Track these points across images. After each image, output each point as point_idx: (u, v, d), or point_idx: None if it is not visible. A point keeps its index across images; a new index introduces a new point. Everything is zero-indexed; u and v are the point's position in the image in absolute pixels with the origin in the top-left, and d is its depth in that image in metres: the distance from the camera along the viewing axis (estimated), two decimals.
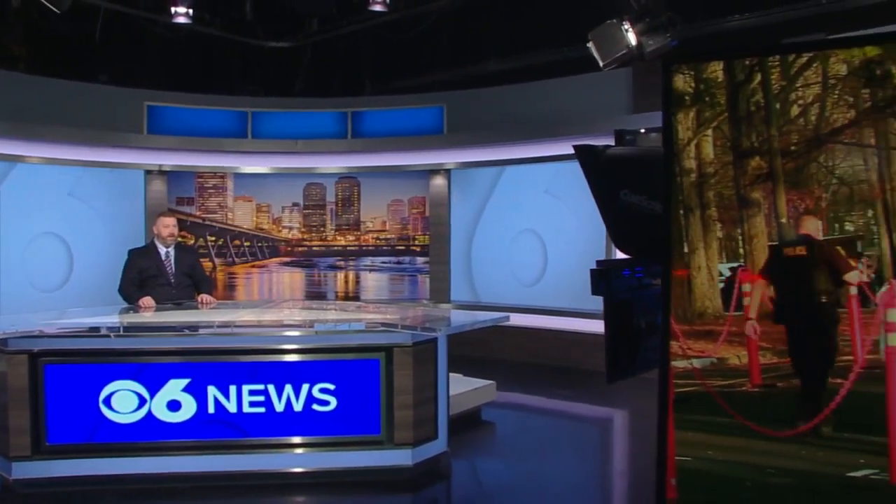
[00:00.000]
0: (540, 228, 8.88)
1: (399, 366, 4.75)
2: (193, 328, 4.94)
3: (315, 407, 4.73)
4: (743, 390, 2.45)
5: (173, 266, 5.92)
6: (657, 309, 2.80)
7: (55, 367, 4.58)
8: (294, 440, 4.74)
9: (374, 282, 9.90)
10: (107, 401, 4.60)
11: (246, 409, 4.70)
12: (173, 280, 5.90)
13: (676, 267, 2.57)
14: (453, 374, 5.54)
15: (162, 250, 5.92)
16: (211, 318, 5.19)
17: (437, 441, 4.95)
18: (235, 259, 9.76)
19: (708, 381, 2.47)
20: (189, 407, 4.65)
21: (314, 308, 6.79)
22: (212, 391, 4.66)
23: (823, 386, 2.31)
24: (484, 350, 8.03)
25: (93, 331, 4.91)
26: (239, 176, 9.69)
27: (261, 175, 9.71)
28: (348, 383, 4.75)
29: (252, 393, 4.70)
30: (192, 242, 9.35)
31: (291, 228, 9.91)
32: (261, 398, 4.71)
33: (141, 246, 6.35)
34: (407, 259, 9.81)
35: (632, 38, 5.33)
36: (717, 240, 2.51)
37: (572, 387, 7.58)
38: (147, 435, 4.62)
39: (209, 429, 4.67)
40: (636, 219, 3.19)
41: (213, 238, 9.67)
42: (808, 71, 2.36)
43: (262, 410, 4.70)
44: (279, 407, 4.71)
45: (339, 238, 9.93)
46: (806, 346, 2.39)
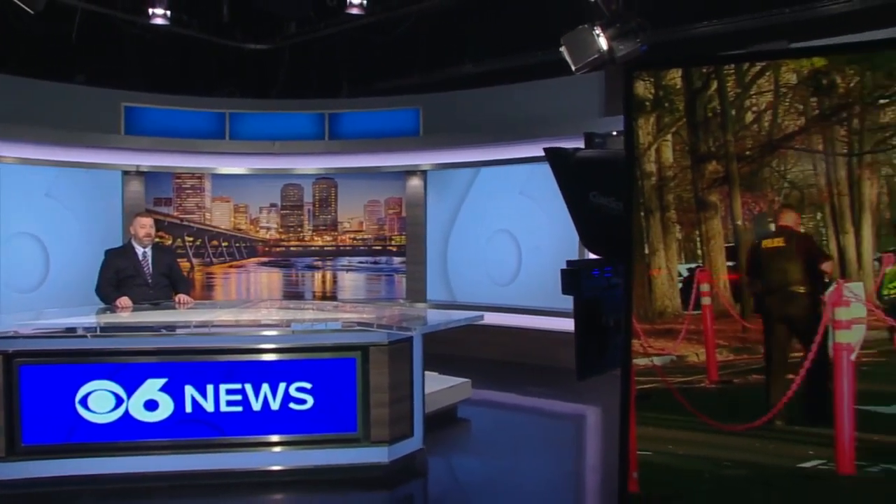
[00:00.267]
0: (514, 229, 8.98)
1: (375, 364, 4.79)
2: (170, 328, 4.94)
3: (292, 406, 4.77)
4: (701, 387, 2.55)
5: (150, 266, 5.93)
6: None
7: (30, 368, 4.57)
8: (271, 439, 4.76)
9: (351, 282, 9.95)
10: (83, 401, 4.61)
11: (223, 409, 4.72)
12: (150, 280, 5.90)
13: (652, 267, 2.65)
14: (429, 373, 5.60)
15: (139, 251, 5.92)
16: (188, 318, 5.20)
17: (413, 438, 5.01)
18: (213, 259, 9.76)
19: (668, 378, 2.57)
20: (166, 406, 4.66)
21: (291, 308, 6.80)
22: (189, 391, 4.69)
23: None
24: (459, 349, 8.10)
25: (69, 331, 4.91)
26: (217, 176, 9.69)
27: (238, 176, 9.72)
28: (325, 382, 4.79)
29: (229, 392, 4.73)
30: (170, 243, 9.34)
31: (269, 229, 9.93)
32: (238, 397, 4.73)
33: (118, 246, 6.34)
34: (383, 259, 9.87)
35: (603, 44, 5.42)
36: (677, 241, 2.60)
37: (546, 384, 7.67)
38: (124, 435, 4.63)
39: (186, 428, 4.69)
40: (605, 220, 3.25)
41: (191, 238, 9.67)
42: (762, 79, 2.46)
43: (240, 409, 4.73)
44: (256, 406, 4.74)
45: (317, 238, 9.97)
46: (783, 336, 2.47)
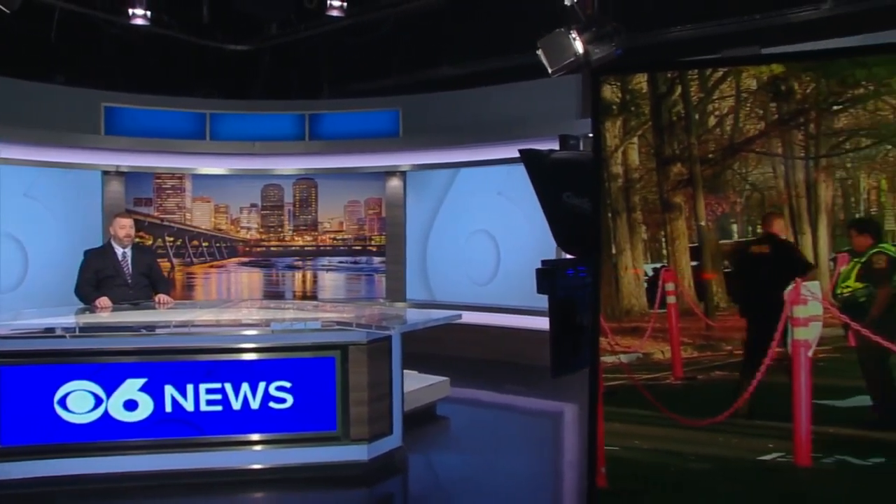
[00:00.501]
0: (493, 229, 9.06)
1: (354, 363, 4.84)
2: (150, 328, 4.95)
3: (272, 405, 4.80)
4: (666, 383, 2.62)
5: (130, 266, 5.94)
6: None
7: (8, 369, 4.57)
8: (251, 437, 4.79)
9: (332, 281, 9.99)
10: (62, 401, 4.60)
11: (203, 408, 4.74)
12: (130, 280, 5.92)
13: (620, 266, 2.72)
14: (408, 371, 5.65)
15: (119, 251, 5.93)
16: (168, 318, 5.21)
17: (392, 436, 5.06)
18: (194, 259, 9.76)
19: (635, 375, 2.64)
20: (146, 406, 4.68)
21: (272, 308, 6.84)
22: (169, 390, 4.70)
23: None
24: (439, 347, 8.16)
25: (48, 331, 4.92)
26: (197, 177, 9.70)
27: (219, 176, 9.73)
28: (304, 381, 4.83)
29: (209, 392, 4.75)
30: (151, 243, 9.33)
31: (249, 229, 9.95)
32: (218, 396, 4.76)
33: (97, 246, 6.34)
34: (363, 259, 9.92)
35: (579, 47, 5.49)
36: (643, 241, 2.68)
37: (524, 382, 7.75)
38: (104, 435, 4.64)
39: (166, 428, 4.70)
40: (578, 220, 3.31)
41: (172, 238, 9.66)
42: (724, 84, 2.54)
43: (220, 409, 4.76)
44: (236, 405, 4.77)
45: (297, 238, 10.00)
46: (765, 339, 2.54)
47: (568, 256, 3.68)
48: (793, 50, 2.60)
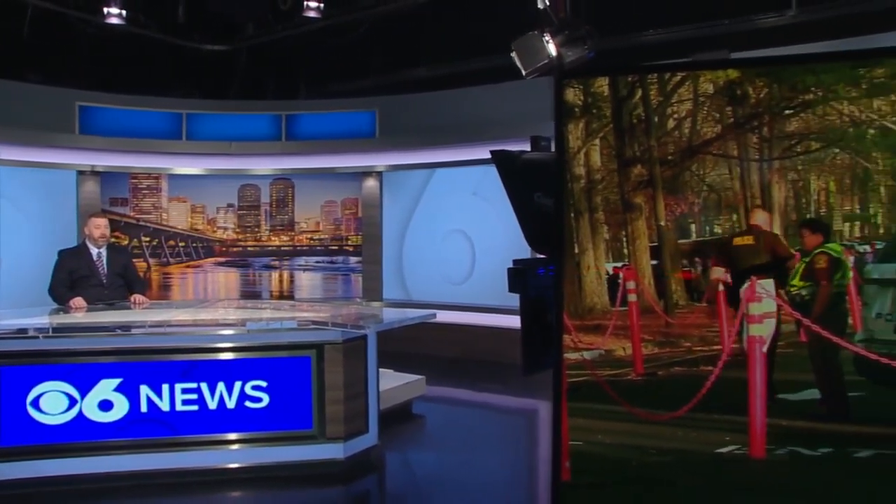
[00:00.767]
0: (468, 229, 9.13)
1: (330, 362, 4.87)
2: (126, 328, 4.95)
3: (248, 404, 4.82)
4: (628, 379, 2.70)
5: (105, 267, 5.92)
6: None
7: None
8: (228, 437, 4.81)
9: (309, 281, 10.01)
10: (35, 403, 4.59)
11: (179, 408, 4.76)
12: (105, 281, 5.90)
13: (582, 266, 2.79)
14: (384, 370, 5.70)
15: (94, 251, 5.91)
16: (144, 318, 5.22)
17: (368, 434, 5.10)
18: (170, 259, 9.74)
19: (597, 372, 2.71)
20: (121, 406, 4.68)
21: (248, 307, 6.84)
22: (144, 390, 4.71)
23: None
24: (415, 346, 8.21)
25: (20, 332, 4.88)
26: (173, 177, 9.68)
27: (195, 176, 9.72)
28: (280, 380, 4.86)
29: (185, 391, 4.77)
30: (126, 243, 9.30)
31: (226, 229, 9.94)
32: (194, 396, 4.78)
33: (72, 247, 6.32)
34: (340, 259, 9.95)
35: (552, 50, 5.53)
36: (605, 241, 2.75)
37: (499, 380, 7.81)
38: (78, 435, 4.63)
39: (142, 428, 4.71)
40: (549, 220, 3.38)
41: (148, 238, 9.64)
42: (682, 88, 2.62)
43: (196, 408, 4.78)
44: (212, 404, 4.79)
45: (274, 238, 10.01)
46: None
47: (540, 256, 3.74)
48: (759, 55, 2.70)
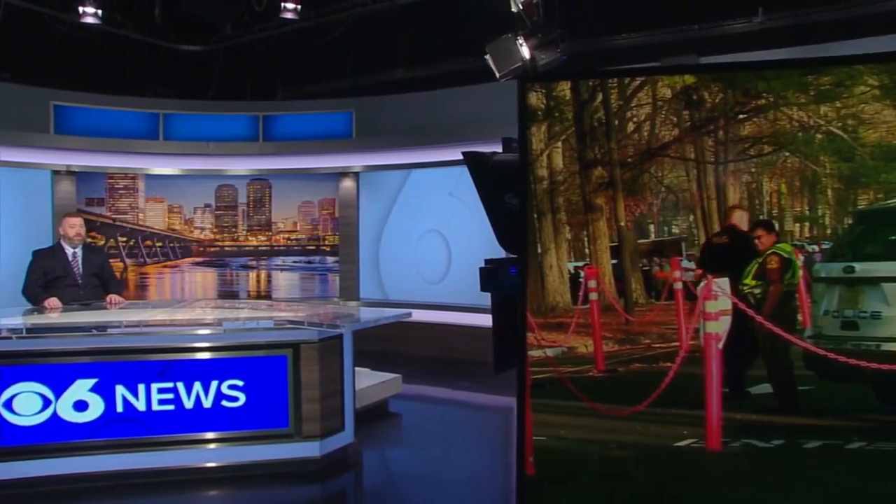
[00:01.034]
0: (444, 229, 9.20)
1: (306, 361, 4.90)
2: (101, 328, 4.93)
3: (224, 403, 4.83)
4: (590, 375, 2.78)
5: (80, 267, 5.89)
6: None
7: None
8: (205, 436, 4.82)
9: (286, 281, 10.03)
10: (7, 404, 4.56)
11: (155, 408, 4.75)
12: (80, 281, 5.87)
13: (545, 265, 2.86)
14: (361, 369, 5.73)
15: (69, 251, 5.89)
16: (120, 318, 5.19)
17: (344, 433, 5.13)
18: (147, 259, 9.72)
19: (560, 368, 2.78)
20: (97, 407, 4.67)
21: (225, 307, 6.83)
22: (120, 390, 4.70)
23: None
24: (391, 345, 8.27)
25: None
26: (150, 177, 9.66)
27: (172, 176, 9.70)
28: (257, 379, 4.87)
29: (161, 391, 4.76)
30: (103, 243, 9.26)
31: (203, 229, 9.93)
32: (170, 396, 4.78)
33: (46, 247, 6.27)
34: (317, 258, 9.98)
35: (525, 53, 5.60)
36: (567, 241, 2.83)
37: (474, 378, 7.86)
38: (52, 436, 4.61)
39: (118, 428, 4.70)
40: (519, 220, 3.46)
41: (125, 239, 9.61)
42: (641, 93, 2.70)
43: (172, 408, 4.78)
44: (188, 404, 4.79)
45: (251, 238, 10.02)
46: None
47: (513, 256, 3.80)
48: (715, 62, 2.78)
